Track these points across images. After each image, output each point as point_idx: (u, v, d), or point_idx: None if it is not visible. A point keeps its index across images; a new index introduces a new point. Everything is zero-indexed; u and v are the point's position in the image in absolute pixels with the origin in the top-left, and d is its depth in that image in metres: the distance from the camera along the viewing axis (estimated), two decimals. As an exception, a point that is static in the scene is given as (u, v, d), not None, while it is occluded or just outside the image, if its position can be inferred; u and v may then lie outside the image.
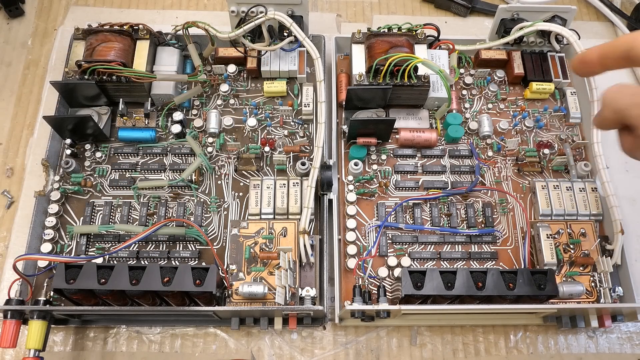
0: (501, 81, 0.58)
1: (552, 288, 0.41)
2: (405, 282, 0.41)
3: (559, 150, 0.54)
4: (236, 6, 0.52)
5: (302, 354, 0.47)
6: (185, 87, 0.56)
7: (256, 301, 0.45)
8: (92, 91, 0.51)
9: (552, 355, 0.48)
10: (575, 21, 0.61)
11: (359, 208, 0.51)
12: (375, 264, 0.48)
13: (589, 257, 0.48)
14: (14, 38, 0.62)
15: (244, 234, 0.48)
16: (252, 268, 0.46)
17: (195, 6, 0.65)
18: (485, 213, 0.50)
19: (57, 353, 0.46)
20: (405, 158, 0.53)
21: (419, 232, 0.50)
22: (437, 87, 0.53)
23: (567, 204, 0.50)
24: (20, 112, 0.57)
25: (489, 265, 0.49)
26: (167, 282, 0.40)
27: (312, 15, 0.58)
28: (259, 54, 0.55)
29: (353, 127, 0.50)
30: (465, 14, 0.65)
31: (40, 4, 0.64)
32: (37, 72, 0.60)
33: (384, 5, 0.66)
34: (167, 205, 0.50)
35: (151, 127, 0.53)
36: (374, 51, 0.51)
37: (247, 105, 0.55)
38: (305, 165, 0.50)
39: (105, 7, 0.64)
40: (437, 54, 0.55)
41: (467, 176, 0.53)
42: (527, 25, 0.54)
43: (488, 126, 0.54)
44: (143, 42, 0.52)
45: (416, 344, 0.48)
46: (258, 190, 0.49)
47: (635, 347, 0.48)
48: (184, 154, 0.52)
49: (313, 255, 0.46)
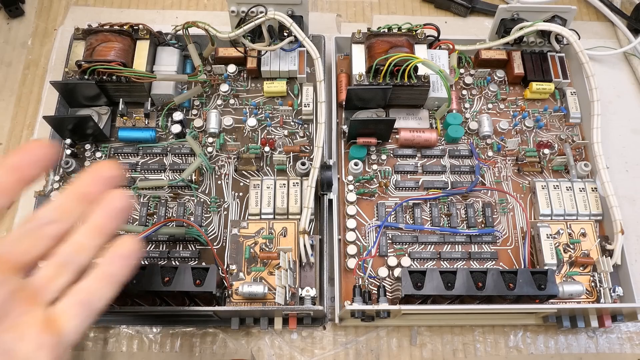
0: (501, 81, 0.58)
1: (552, 288, 0.41)
2: (405, 282, 0.41)
3: (559, 150, 0.54)
4: (236, 6, 0.52)
5: (302, 354, 0.47)
6: (185, 87, 0.56)
7: (256, 301, 0.45)
8: (92, 91, 0.51)
9: (552, 355, 0.48)
10: (575, 21, 0.61)
11: (359, 208, 0.51)
12: (375, 264, 0.48)
13: (589, 257, 0.48)
14: (14, 38, 0.62)
15: (244, 234, 0.48)
16: (252, 268, 0.47)
17: (195, 6, 0.65)
18: (485, 213, 0.50)
19: (57, 353, 0.46)
20: (405, 158, 0.53)
21: (419, 232, 0.50)
22: (437, 87, 0.53)
23: (567, 204, 0.50)
24: (20, 112, 0.57)
25: (489, 265, 0.49)
26: (167, 282, 0.40)
27: (312, 15, 0.58)
28: (259, 54, 0.55)
29: (353, 127, 0.50)
30: (465, 14, 0.65)
31: (40, 4, 0.64)
32: (37, 72, 0.60)
33: (384, 5, 0.66)
34: (167, 205, 0.50)
35: (151, 127, 0.53)
36: (374, 51, 0.51)
37: (247, 105, 0.55)
38: (305, 165, 0.50)
39: (105, 7, 0.64)
40: (437, 54, 0.55)
41: (467, 176, 0.53)
42: (527, 25, 0.54)
43: (488, 126, 0.54)
44: (143, 42, 0.52)
45: (416, 344, 0.48)
46: (258, 190, 0.49)
47: (635, 347, 0.48)
48: (184, 154, 0.52)
49: (313, 255, 0.46)
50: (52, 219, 0.30)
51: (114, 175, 0.32)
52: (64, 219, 0.30)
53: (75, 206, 0.31)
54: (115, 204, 0.31)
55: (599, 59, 0.62)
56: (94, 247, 0.31)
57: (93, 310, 0.30)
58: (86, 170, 0.32)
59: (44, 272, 0.29)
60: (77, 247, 0.30)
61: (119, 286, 0.31)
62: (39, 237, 0.29)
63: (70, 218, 0.30)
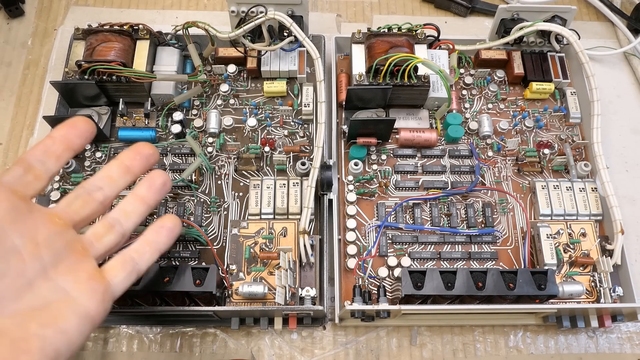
0: (501, 81, 0.58)
1: (552, 288, 0.41)
2: (405, 282, 0.41)
3: (559, 150, 0.54)
4: (236, 6, 0.52)
5: (302, 354, 0.47)
6: (185, 87, 0.56)
7: (256, 301, 0.45)
8: (92, 91, 0.51)
9: (552, 355, 0.48)
10: (575, 21, 0.61)
11: (359, 208, 0.51)
12: (375, 264, 0.48)
13: (589, 257, 0.48)
14: (14, 38, 0.62)
15: (244, 234, 0.48)
16: (252, 268, 0.47)
17: (195, 6, 0.65)
18: (485, 213, 0.50)
19: (57, 353, 0.46)
20: (405, 158, 0.53)
21: (419, 232, 0.50)
22: (437, 87, 0.53)
23: (567, 204, 0.50)
24: (20, 112, 0.57)
25: (489, 265, 0.49)
26: (167, 282, 0.40)
27: (312, 15, 0.58)
28: (259, 54, 0.55)
29: (353, 127, 0.50)
30: (465, 14, 0.65)
31: (40, 4, 0.64)
32: (37, 72, 0.60)
33: (384, 5, 0.66)
34: (167, 205, 0.50)
35: (151, 127, 0.53)
36: (374, 51, 0.51)
37: (247, 105, 0.55)
38: (305, 165, 0.50)
39: (105, 7, 0.64)
40: (437, 54, 0.55)
41: (467, 176, 0.53)
42: (527, 25, 0.54)
43: (488, 126, 0.54)
44: (143, 42, 0.52)
45: (416, 344, 0.48)
46: (258, 190, 0.49)
47: (635, 347, 0.48)
48: (184, 154, 0.52)
49: (313, 255, 0.46)
50: (99, 186, 0.35)
51: (151, 153, 0.37)
52: (109, 186, 0.35)
53: (119, 176, 0.36)
54: (157, 179, 0.37)
55: (599, 59, 0.62)
56: (138, 214, 0.36)
57: (137, 270, 0.34)
58: (128, 148, 0.37)
59: (93, 230, 0.34)
60: (123, 213, 0.35)
61: (160, 254, 0.36)
62: (88, 200, 0.34)
63: (114, 186, 0.35)
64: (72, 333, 0.29)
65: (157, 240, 0.36)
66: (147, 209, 0.36)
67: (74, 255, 0.31)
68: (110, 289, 0.32)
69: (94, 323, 0.30)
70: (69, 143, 0.34)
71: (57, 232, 0.31)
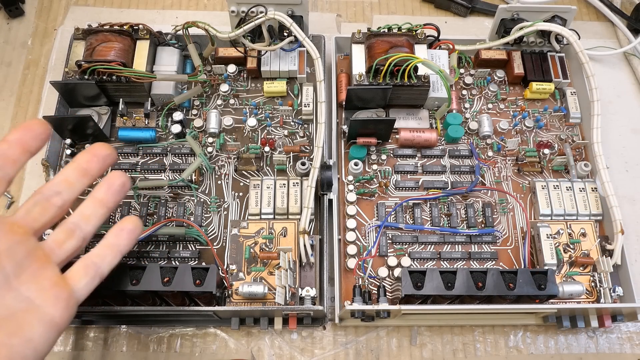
0: (501, 81, 0.58)
1: (552, 288, 0.41)
2: (405, 282, 0.41)
3: (559, 150, 0.54)
4: (236, 6, 0.52)
5: (302, 354, 0.47)
6: (185, 87, 0.56)
7: (256, 301, 0.45)
8: (92, 91, 0.51)
9: (552, 355, 0.48)
10: (575, 21, 0.61)
11: (359, 208, 0.51)
12: (375, 264, 0.48)
13: (589, 257, 0.48)
14: (14, 38, 0.62)
15: (244, 234, 0.48)
16: (252, 268, 0.47)
17: (195, 6, 0.65)
18: (485, 213, 0.50)
19: (57, 353, 0.46)
20: (405, 158, 0.53)
21: (419, 232, 0.50)
22: (437, 87, 0.53)
23: (567, 204, 0.50)
24: (20, 112, 0.57)
25: (489, 265, 0.49)
26: (167, 282, 0.40)
27: (312, 15, 0.58)
28: (259, 54, 0.55)
29: (353, 127, 0.50)
30: (465, 14, 0.65)
31: (40, 4, 0.64)
32: (37, 72, 0.60)
33: (384, 5, 0.66)
34: (167, 205, 0.50)
35: (151, 127, 0.53)
36: (374, 51, 0.51)
37: (247, 105, 0.55)
38: (305, 165, 0.50)
39: (105, 7, 0.64)
40: (437, 54, 0.55)
41: (467, 176, 0.53)
42: (527, 25, 0.54)
43: (488, 126, 0.54)
44: (143, 42, 0.52)
45: (416, 344, 0.48)
46: (258, 190, 0.49)
47: (635, 347, 0.48)
48: (184, 154, 0.52)
49: (313, 255, 0.46)
50: (57, 190, 0.35)
51: (108, 153, 0.37)
52: (67, 190, 0.35)
53: (76, 179, 0.35)
54: (115, 181, 0.37)
55: (599, 59, 0.62)
56: (98, 218, 0.36)
57: (99, 274, 0.34)
58: (84, 150, 0.37)
59: (54, 237, 0.34)
60: (82, 217, 0.35)
61: (122, 256, 0.36)
62: (46, 206, 0.34)
63: (72, 190, 0.35)
64: (39, 341, 0.29)
65: (118, 243, 0.36)
66: (106, 212, 0.36)
67: (36, 264, 0.31)
68: (74, 294, 0.32)
69: (59, 329, 0.31)
70: (24, 146, 0.33)
71: (18, 241, 0.31)
